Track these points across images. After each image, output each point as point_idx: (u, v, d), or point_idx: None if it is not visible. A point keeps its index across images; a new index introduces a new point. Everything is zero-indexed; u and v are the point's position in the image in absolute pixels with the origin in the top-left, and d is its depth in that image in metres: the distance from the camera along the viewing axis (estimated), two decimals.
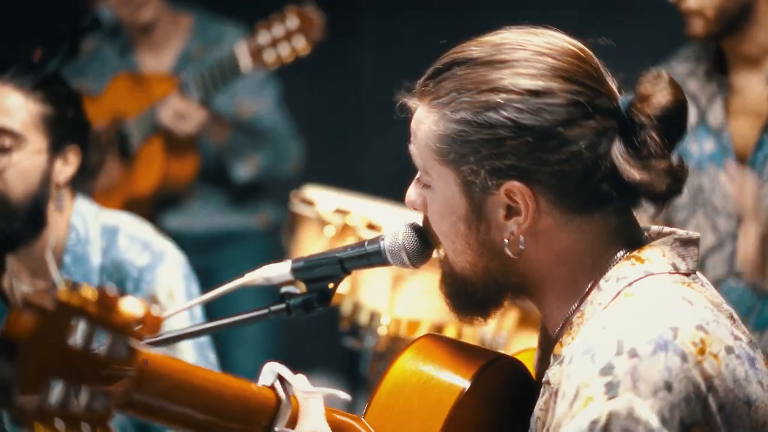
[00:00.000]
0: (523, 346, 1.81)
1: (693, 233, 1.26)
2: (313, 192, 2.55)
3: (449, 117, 1.21)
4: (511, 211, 1.21)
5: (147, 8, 3.32)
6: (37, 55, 2.33)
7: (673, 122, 1.20)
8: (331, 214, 2.38)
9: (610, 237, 1.24)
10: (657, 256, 1.22)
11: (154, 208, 3.44)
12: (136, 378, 0.96)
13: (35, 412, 0.85)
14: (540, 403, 1.23)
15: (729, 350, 1.15)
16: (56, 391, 0.88)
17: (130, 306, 0.90)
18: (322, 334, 2.55)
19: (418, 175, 1.29)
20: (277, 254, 2.36)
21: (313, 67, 3.50)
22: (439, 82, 1.23)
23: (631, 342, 1.10)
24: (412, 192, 1.30)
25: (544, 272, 1.25)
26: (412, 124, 1.27)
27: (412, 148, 1.28)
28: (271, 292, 1.55)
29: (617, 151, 1.19)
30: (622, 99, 1.22)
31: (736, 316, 1.22)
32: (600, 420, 1.08)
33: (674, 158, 1.21)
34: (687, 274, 1.22)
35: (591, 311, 1.21)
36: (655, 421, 1.07)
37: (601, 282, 1.21)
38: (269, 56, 3.03)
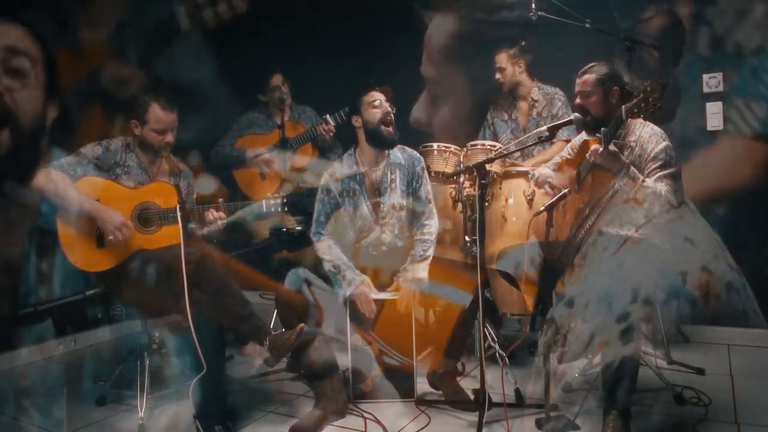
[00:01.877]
0: None
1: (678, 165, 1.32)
2: None
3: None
4: None
5: None
6: None
7: None
8: None
9: None
10: (655, 196, 1.27)
11: None
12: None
13: None
14: (544, 339, 1.26)
15: (729, 287, 1.22)
16: None
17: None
18: None
19: None
20: None
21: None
22: None
23: (645, 291, 1.16)
24: None
25: None
26: None
27: None
28: None
29: None
30: None
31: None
32: (614, 363, 1.14)
33: None
34: (679, 206, 1.29)
35: (595, 254, 1.26)
36: (663, 364, 1.14)
37: (603, 227, 1.26)
38: (207, 15, 3.02)
